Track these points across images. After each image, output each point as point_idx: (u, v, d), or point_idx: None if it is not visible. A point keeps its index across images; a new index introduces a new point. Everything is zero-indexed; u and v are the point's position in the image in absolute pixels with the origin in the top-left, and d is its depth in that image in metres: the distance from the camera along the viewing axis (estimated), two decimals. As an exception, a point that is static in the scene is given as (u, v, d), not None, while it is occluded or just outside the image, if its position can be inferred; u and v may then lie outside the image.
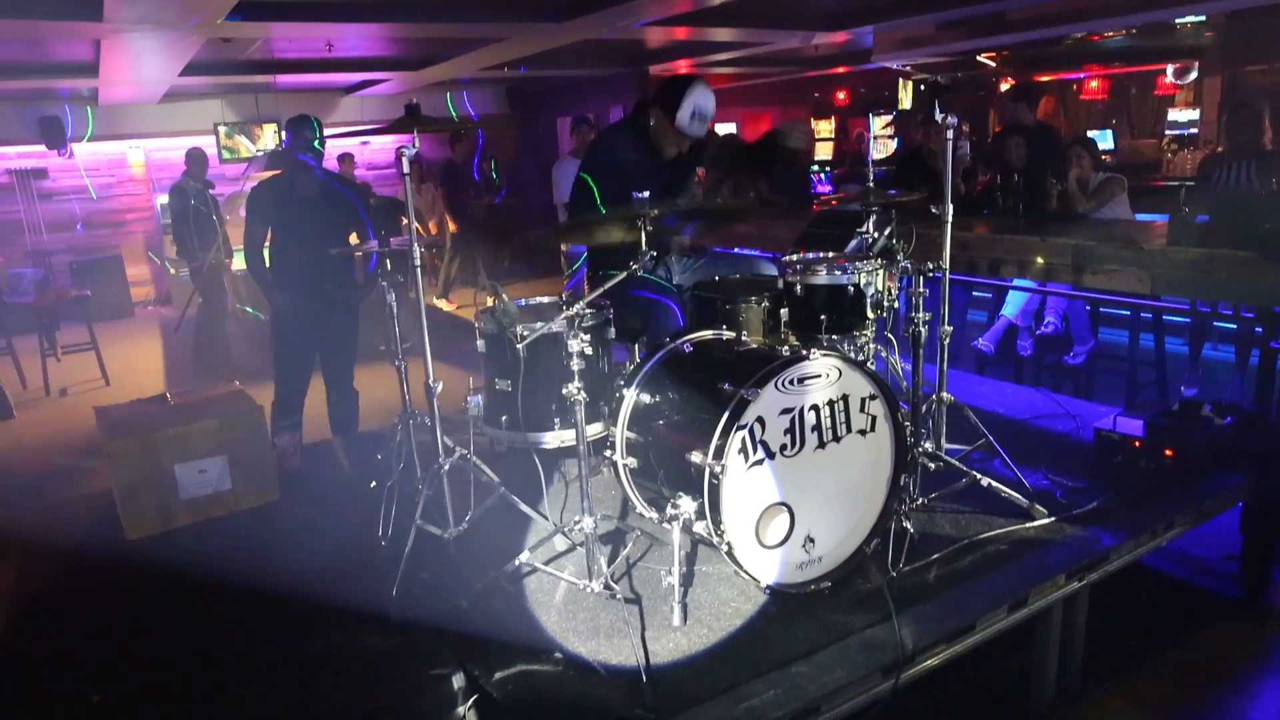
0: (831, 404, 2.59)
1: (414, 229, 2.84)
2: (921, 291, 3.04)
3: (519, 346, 2.72)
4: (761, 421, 2.48)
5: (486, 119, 12.42)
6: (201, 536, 3.37)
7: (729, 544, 2.46)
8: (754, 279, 3.42)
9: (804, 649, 2.36)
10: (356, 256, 4.48)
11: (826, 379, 2.57)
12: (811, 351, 2.56)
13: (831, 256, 3.27)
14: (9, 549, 3.40)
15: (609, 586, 2.57)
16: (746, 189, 4.25)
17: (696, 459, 2.46)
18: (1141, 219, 5.37)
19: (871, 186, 3.22)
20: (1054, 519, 2.99)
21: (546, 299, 3.26)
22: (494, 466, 3.09)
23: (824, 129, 14.74)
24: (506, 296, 2.80)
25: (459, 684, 2.35)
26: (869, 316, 3.06)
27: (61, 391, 7.16)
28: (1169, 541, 3.07)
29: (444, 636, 2.53)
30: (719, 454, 2.41)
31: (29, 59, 7.91)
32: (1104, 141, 10.16)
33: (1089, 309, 5.36)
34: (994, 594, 2.61)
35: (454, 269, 9.66)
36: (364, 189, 7.41)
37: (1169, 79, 10.43)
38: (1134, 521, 2.98)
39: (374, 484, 3.41)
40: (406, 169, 2.75)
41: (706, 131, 3.51)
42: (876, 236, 3.24)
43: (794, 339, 2.99)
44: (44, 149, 10.36)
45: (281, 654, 2.58)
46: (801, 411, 2.54)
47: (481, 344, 2.96)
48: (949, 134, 3.03)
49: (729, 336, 2.93)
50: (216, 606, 2.86)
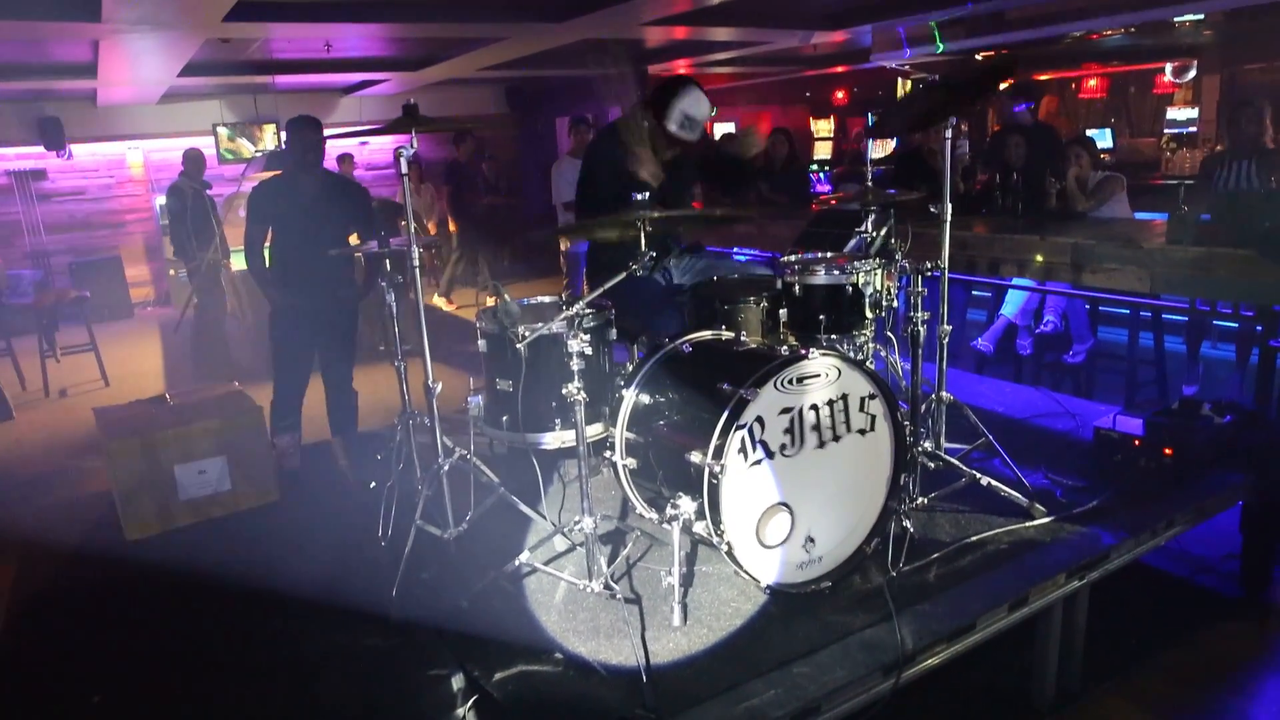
0: (831, 403, 2.59)
1: (413, 229, 2.84)
2: (920, 291, 3.04)
3: (520, 346, 2.72)
4: (761, 421, 2.48)
5: (486, 119, 12.43)
6: (201, 537, 3.38)
7: (729, 544, 2.46)
8: (753, 279, 3.42)
9: (804, 649, 2.36)
10: (356, 257, 4.47)
11: (826, 378, 2.57)
12: (810, 351, 2.56)
13: (830, 256, 3.27)
14: (9, 549, 3.40)
15: (609, 587, 2.57)
16: (715, 199, 4.19)
17: (696, 459, 2.46)
18: (1140, 218, 5.37)
19: (870, 186, 3.23)
20: (1054, 518, 2.99)
21: (547, 299, 3.26)
22: (494, 467, 3.09)
23: (823, 128, 14.75)
24: (508, 296, 2.80)
25: (459, 684, 2.35)
26: (868, 316, 3.07)
27: (61, 392, 7.16)
28: (1169, 540, 3.07)
29: (444, 637, 2.53)
30: (718, 454, 2.41)
31: (28, 60, 7.91)
32: (1103, 140, 10.15)
33: (1088, 308, 5.36)
34: (994, 593, 2.61)
35: (459, 269, 9.67)
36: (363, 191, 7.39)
37: (1167, 77, 10.44)
38: (1134, 520, 2.98)
39: (374, 484, 3.41)
40: (405, 169, 2.75)
41: (700, 134, 3.48)
42: (875, 236, 3.23)
43: (793, 339, 2.99)
44: (43, 150, 10.36)
45: (281, 654, 2.58)
46: (801, 411, 2.54)
47: (482, 344, 2.96)
48: (948, 133, 3.03)
49: (728, 336, 2.93)
50: (216, 607, 2.86)
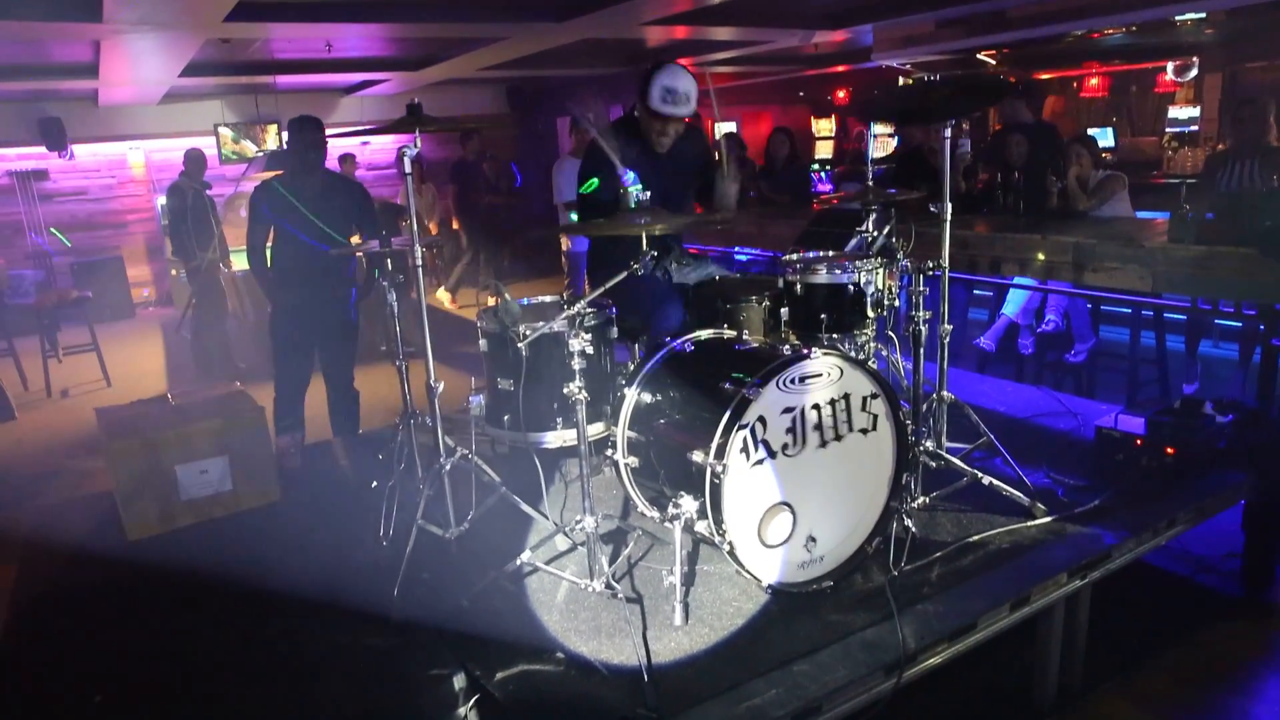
0: (833, 403, 2.59)
1: (414, 229, 2.84)
2: (922, 290, 3.04)
3: (521, 346, 2.72)
4: (763, 420, 2.47)
5: (486, 118, 12.43)
6: (202, 537, 3.37)
7: (730, 543, 2.46)
8: (754, 278, 3.41)
9: (806, 648, 2.36)
10: (358, 257, 4.48)
11: (828, 378, 2.57)
12: (812, 350, 2.56)
13: (832, 255, 3.27)
14: (11, 549, 3.40)
15: (610, 586, 2.57)
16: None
17: (698, 458, 2.46)
18: (1142, 216, 5.36)
19: (871, 185, 3.22)
20: (1055, 517, 2.99)
21: (548, 298, 3.26)
22: (495, 466, 3.09)
23: (824, 128, 14.74)
24: (509, 296, 2.80)
25: (460, 684, 2.35)
26: (869, 315, 3.06)
27: (63, 392, 7.16)
28: (1171, 539, 3.06)
29: (445, 636, 2.53)
30: (720, 453, 2.40)
31: (29, 60, 7.92)
32: (1104, 139, 10.14)
33: (1090, 307, 5.36)
34: (996, 593, 2.61)
35: (469, 269, 9.64)
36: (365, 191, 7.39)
37: (1169, 76, 10.42)
38: (1135, 519, 2.98)
39: (375, 484, 3.41)
40: (408, 169, 2.75)
41: (690, 115, 3.47)
42: (876, 235, 3.23)
43: (795, 338, 2.99)
44: (45, 150, 10.36)
45: (282, 654, 2.58)
46: (803, 410, 2.54)
47: (483, 343, 2.96)
48: (948, 132, 3.03)
49: (730, 335, 2.93)
50: (217, 607, 2.86)
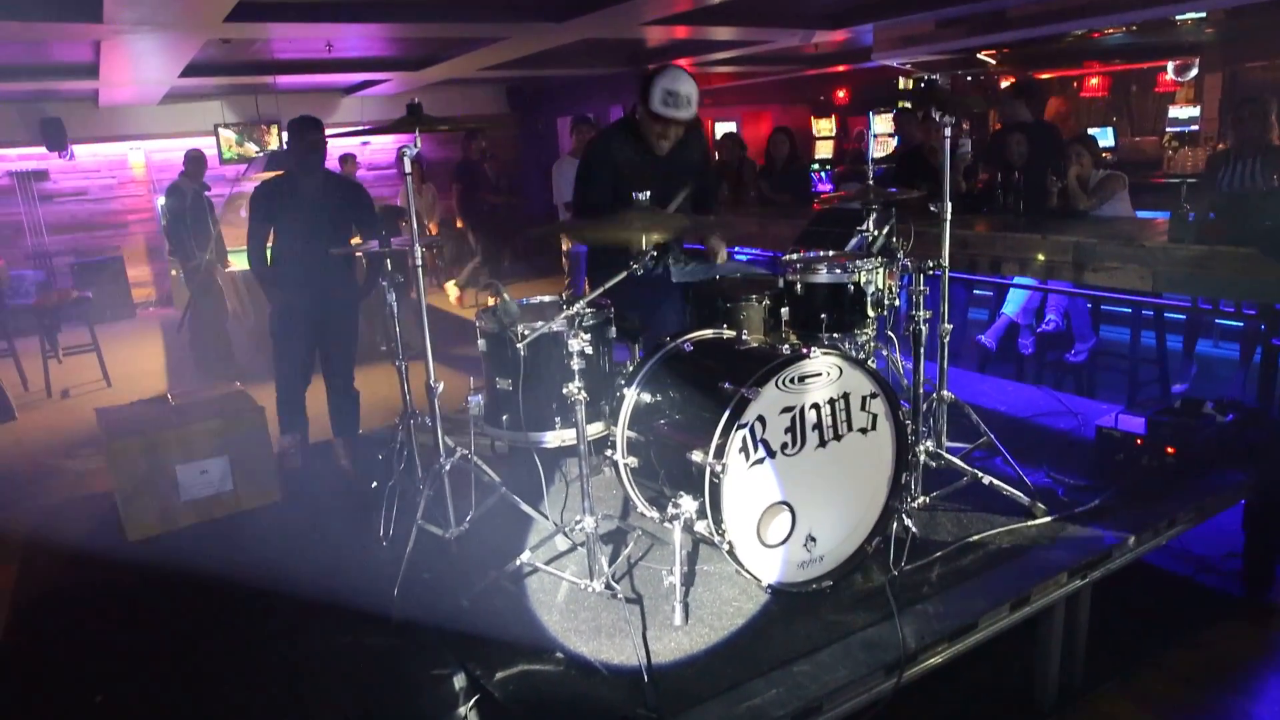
0: (832, 402, 2.59)
1: (414, 229, 2.84)
2: (922, 289, 3.04)
3: (520, 346, 2.72)
4: (762, 420, 2.47)
5: (486, 119, 12.43)
6: (203, 537, 3.38)
7: (730, 543, 2.46)
8: (753, 278, 3.41)
9: (806, 648, 2.36)
10: (358, 257, 4.47)
11: (827, 377, 2.57)
12: (812, 350, 2.56)
13: (832, 255, 3.27)
14: (11, 549, 3.41)
15: (610, 586, 2.57)
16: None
17: (697, 458, 2.46)
18: (1142, 216, 5.36)
19: (871, 185, 3.22)
20: (1056, 517, 2.99)
21: (547, 298, 3.26)
22: (495, 466, 3.09)
23: (824, 127, 14.74)
24: (508, 296, 2.80)
25: (460, 684, 2.35)
26: (869, 315, 3.07)
27: (63, 393, 7.16)
28: (1171, 539, 3.06)
29: (445, 636, 2.53)
30: (720, 453, 2.40)
31: (29, 60, 7.92)
32: (1104, 139, 10.12)
33: (1090, 306, 5.35)
34: (996, 592, 2.61)
35: (477, 267, 9.61)
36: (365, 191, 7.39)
37: (1169, 76, 10.40)
38: (1136, 519, 2.98)
39: (375, 484, 3.41)
40: (408, 169, 2.75)
41: (691, 118, 3.47)
42: (876, 235, 3.23)
43: (794, 337, 2.98)
44: (45, 150, 10.37)
45: (283, 654, 2.58)
46: (802, 410, 2.54)
47: (482, 343, 2.96)
48: (948, 131, 3.03)
49: (729, 335, 2.93)
50: (218, 607, 2.86)
